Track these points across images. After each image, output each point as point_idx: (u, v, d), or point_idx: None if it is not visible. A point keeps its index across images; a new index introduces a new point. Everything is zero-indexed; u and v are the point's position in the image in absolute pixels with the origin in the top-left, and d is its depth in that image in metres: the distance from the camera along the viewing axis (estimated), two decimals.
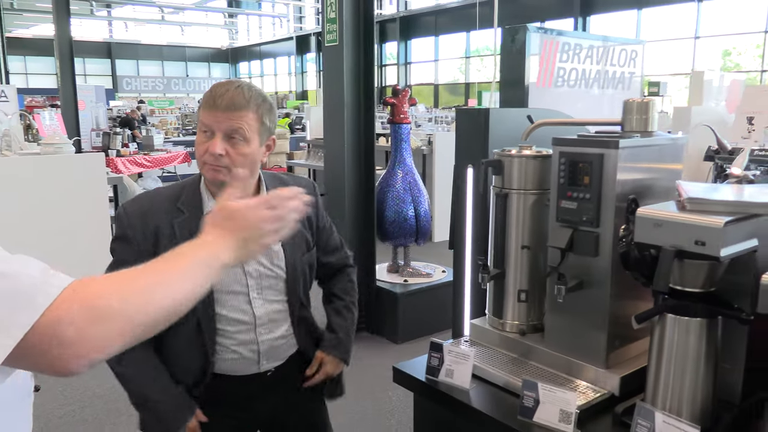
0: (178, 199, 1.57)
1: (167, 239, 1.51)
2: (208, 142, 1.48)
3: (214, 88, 1.51)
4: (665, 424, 1.34)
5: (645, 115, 1.67)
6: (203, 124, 1.49)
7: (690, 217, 1.33)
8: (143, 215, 1.55)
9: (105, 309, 0.80)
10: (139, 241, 1.53)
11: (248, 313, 1.61)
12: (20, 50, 26.35)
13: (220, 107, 1.46)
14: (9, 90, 7.28)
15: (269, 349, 1.66)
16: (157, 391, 1.57)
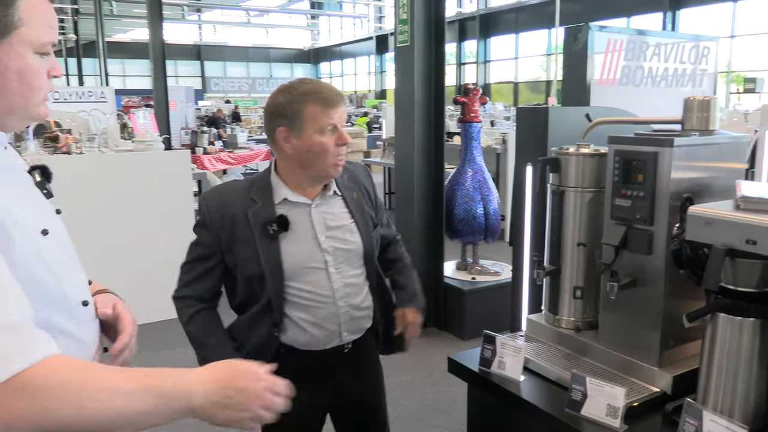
0: (251, 190, 1.67)
1: (242, 225, 1.64)
2: (334, 137, 1.59)
3: (315, 88, 1.59)
4: (713, 423, 1.34)
5: (705, 113, 1.66)
6: (328, 124, 1.58)
7: (742, 215, 1.32)
8: (221, 205, 1.66)
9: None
10: (217, 227, 1.65)
11: (327, 287, 1.68)
12: (119, 54, 28.08)
13: (339, 102, 1.60)
14: (108, 91, 7.83)
15: (349, 320, 1.72)
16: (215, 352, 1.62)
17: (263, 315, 1.68)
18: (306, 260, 1.66)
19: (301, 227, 1.66)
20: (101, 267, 4.27)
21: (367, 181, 1.85)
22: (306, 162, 1.62)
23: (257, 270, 1.64)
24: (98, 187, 4.44)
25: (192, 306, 1.71)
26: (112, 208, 4.49)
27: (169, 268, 4.74)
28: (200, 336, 1.69)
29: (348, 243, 1.72)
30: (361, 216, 1.75)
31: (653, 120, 1.85)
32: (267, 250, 1.63)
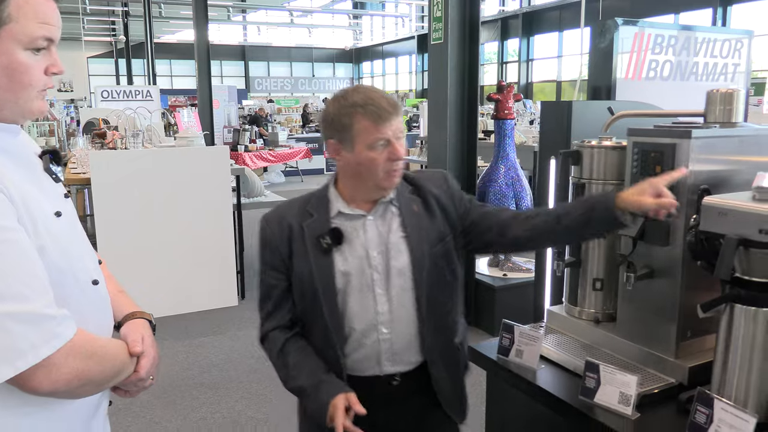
0: (308, 203, 1.59)
1: (298, 238, 1.55)
2: (387, 150, 1.47)
3: (364, 99, 1.46)
4: (723, 411, 1.35)
5: (729, 105, 1.66)
6: (379, 139, 1.46)
7: (755, 206, 1.32)
8: (279, 219, 1.59)
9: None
10: (278, 243, 1.57)
11: (371, 308, 1.54)
12: (166, 54, 28.82)
13: (392, 115, 1.47)
14: (153, 90, 8.08)
15: (390, 349, 1.55)
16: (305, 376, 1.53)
17: (325, 344, 1.54)
18: (356, 278, 1.53)
19: (355, 241, 1.55)
20: (142, 258, 4.47)
21: (440, 189, 1.63)
22: (356, 175, 1.52)
23: (311, 286, 1.53)
24: (141, 180, 4.61)
25: (277, 339, 1.57)
26: (154, 201, 4.66)
27: (206, 260, 4.92)
28: (290, 370, 1.54)
29: (398, 260, 1.55)
30: (417, 232, 1.56)
31: (676, 113, 1.85)
32: (320, 264, 1.53)
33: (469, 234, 1.65)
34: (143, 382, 1.28)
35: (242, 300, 5.22)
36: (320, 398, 1.47)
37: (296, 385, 1.54)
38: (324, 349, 1.55)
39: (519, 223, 1.60)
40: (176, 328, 4.56)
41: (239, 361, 4.04)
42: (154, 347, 1.32)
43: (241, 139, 11.36)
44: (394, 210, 1.58)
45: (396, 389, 1.58)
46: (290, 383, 1.56)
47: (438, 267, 1.58)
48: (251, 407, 3.44)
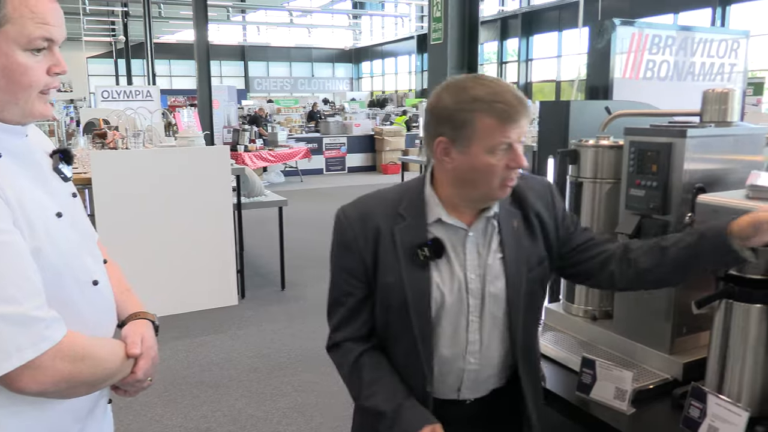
0: (400, 204, 1.38)
1: (387, 244, 1.35)
2: (506, 157, 1.27)
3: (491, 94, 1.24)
4: (717, 406, 1.37)
5: (724, 105, 1.68)
6: (502, 142, 1.25)
7: (746, 203, 1.35)
8: (363, 219, 1.38)
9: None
10: (361, 245, 1.37)
11: (462, 335, 1.38)
12: (166, 54, 28.84)
13: (521, 115, 1.26)
14: (153, 90, 8.10)
15: (473, 379, 1.42)
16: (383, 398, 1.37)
17: (410, 363, 1.38)
18: (451, 299, 1.36)
19: (453, 258, 1.36)
20: (143, 258, 4.48)
21: (543, 203, 1.44)
22: (466, 181, 1.31)
23: (400, 301, 1.34)
24: (142, 180, 4.64)
25: (351, 351, 1.40)
26: (155, 201, 4.69)
27: (206, 259, 4.94)
28: (365, 388, 1.38)
29: (494, 285, 1.37)
30: (515, 253, 1.38)
31: (672, 112, 1.87)
32: (414, 278, 1.33)
33: (566, 260, 1.46)
34: (141, 383, 1.28)
35: (242, 299, 5.25)
36: (402, 425, 1.32)
37: (372, 405, 1.37)
38: (407, 369, 1.39)
39: (616, 253, 1.42)
40: (177, 328, 4.58)
41: (239, 360, 4.07)
42: (154, 348, 1.32)
43: (240, 139, 11.39)
44: (494, 225, 1.38)
45: (470, 407, 1.45)
46: (364, 402, 1.38)
47: (533, 293, 1.42)
48: (251, 405, 3.46)
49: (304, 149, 12.53)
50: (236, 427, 3.24)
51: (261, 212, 6.01)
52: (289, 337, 4.47)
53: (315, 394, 3.57)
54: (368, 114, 16.76)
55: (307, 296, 5.36)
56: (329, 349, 1.46)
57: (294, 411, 3.38)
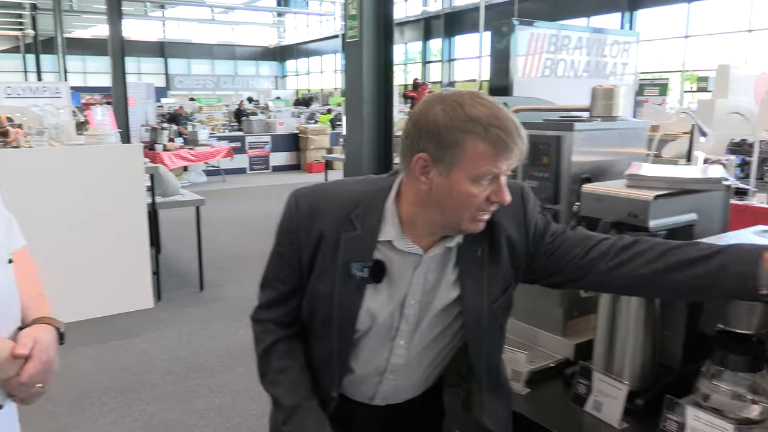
0: (355, 208, 1.25)
1: (328, 252, 1.25)
2: (489, 189, 1.15)
3: (489, 116, 1.10)
4: (600, 381, 1.46)
5: (610, 101, 1.79)
6: (490, 171, 1.12)
7: (625, 191, 1.44)
8: (311, 216, 1.26)
9: None
10: (302, 242, 1.27)
11: (384, 357, 1.32)
12: (79, 50, 27.51)
13: (518, 145, 1.14)
14: (62, 87, 7.72)
15: (390, 392, 1.38)
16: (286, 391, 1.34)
17: (322, 367, 1.34)
18: (381, 320, 1.28)
19: (396, 280, 1.26)
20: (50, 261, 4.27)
21: (514, 221, 1.28)
22: (437, 206, 1.18)
23: (326, 311, 1.27)
24: (48, 180, 4.42)
25: (271, 332, 1.35)
26: (62, 201, 4.47)
27: (119, 261, 4.76)
28: (272, 373, 1.34)
29: (440, 320, 1.30)
30: (475, 286, 1.27)
31: (564, 108, 1.97)
32: (345, 295, 1.25)
33: (542, 268, 1.32)
34: (27, 388, 1.22)
35: (158, 302, 5.09)
36: (295, 425, 1.29)
37: (273, 393, 1.34)
38: (318, 369, 1.35)
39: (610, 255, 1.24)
40: (86, 333, 4.39)
41: (152, 364, 3.95)
42: (49, 354, 1.25)
43: (159, 138, 11.04)
44: (452, 256, 1.27)
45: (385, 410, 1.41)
46: (268, 387, 1.35)
47: (496, 322, 1.32)
48: (164, 409, 3.37)
49: (226, 148, 12.29)
50: (148, 431, 3.15)
51: (181, 213, 5.86)
52: (206, 338, 4.38)
53: (232, 394, 3.52)
54: (293, 112, 16.61)
55: (227, 297, 5.27)
56: (253, 319, 1.39)
57: (210, 412, 3.32)
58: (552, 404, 1.55)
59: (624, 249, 1.22)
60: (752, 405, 1.33)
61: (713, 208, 1.55)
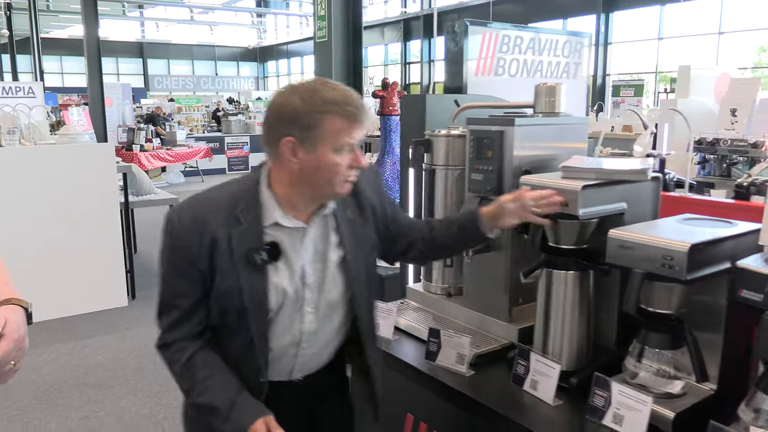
0: (237, 206, 1.38)
1: (224, 249, 1.36)
2: (349, 157, 1.35)
3: (343, 97, 1.32)
4: (537, 362, 1.55)
5: (552, 98, 1.88)
6: (349, 142, 1.33)
7: (557, 182, 1.53)
8: (198, 226, 1.36)
9: None
10: (195, 254, 1.36)
11: (296, 326, 1.44)
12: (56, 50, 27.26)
13: (365, 118, 1.35)
14: (36, 87, 7.70)
15: (305, 362, 1.51)
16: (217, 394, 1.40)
17: (245, 356, 1.42)
18: (289, 295, 1.41)
19: (292, 256, 1.41)
20: (23, 260, 4.28)
21: (370, 188, 1.55)
22: (310, 180, 1.36)
23: (237, 305, 1.37)
24: (19, 179, 4.43)
25: (183, 350, 1.40)
26: (34, 201, 4.49)
27: (92, 260, 4.78)
28: (198, 384, 1.39)
29: (335, 280, 1.46)
30: (354, 243, 1.47)
31: (511, 104, 2.06)
32: (251, 282, 1.36)
33: (387, 242, 1.60)
34: (1, 365, 1.29)
35: (132, 300, 5.12)
36: (237, 420, 1.36)
37: (205, 401, 1.39)
38: (243, 361, 1.43)
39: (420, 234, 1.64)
40: (61, 330, 4.42)
41: (126, 360, 3.99)
42: (20, 333, 1.29)
43: (136, 139, 11.01)
44: (330, 221, 1.46)
45: (300, 384, 1.53)
46: (197, 398, 1.40)
47: (371, 277, 1.53)
48: (136, 404, 3.42)
49: (204, 149, 12.28)
50: (120, 425, 3.19)
51: (156, 214, 5.86)
52: None
53: None
54: None
55: None
56: (159, 348, 1.44)
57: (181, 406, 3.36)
58: (494, 385, 1.64)
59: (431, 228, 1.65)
60: (675, 381, 1.43)
61: (643, 198, 1.64)
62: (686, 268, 1.26)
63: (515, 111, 1.93)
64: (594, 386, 1.43)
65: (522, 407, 1.53)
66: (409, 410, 1.85)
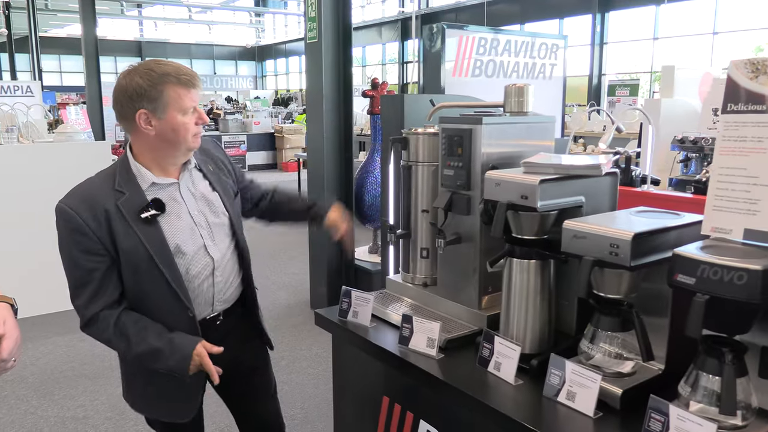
0: (114, 182, 1.66)
1: (117, 218, 1.62)
2: (195, 116, 1.66)
3: (175, 70, 1.62)
4: (500, 344, 1.66)
5: (521, 98, 1.98)
6: (190, 104, 1.64)
7: (518, 177, 1.64)
8: (89, 204, 1.63)
9: None
10: (94, 228, 1.61)
11: (205, 260, 1.76)
12: (54, 49, 27.36)
13: (198, 84, 1.68)
14: (34, 86, 7.81)
15: (221, 290, 1.83)
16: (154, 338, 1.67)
17: (169, 300, 1.69)
18: (187, 237, 1.71)
19: (174, 206, 1.71)
20: (20, 255, 4.39)
21: (219, 152, 1.97)
22: (168, 142, 1.65)
23: (145, 257, 1.63)
24: (18, 176, 4.54)
25: (109, 317, 1.65)
26: (32, 197, 4.59)
27: None
28: (133, 337, 1.65)
29: (218, 215, 1.81)
30: (222, 187, 1.86)
31: (483, 104, 2.17)
32: (149, 235, 1.64)
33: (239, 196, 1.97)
34: (5, 363, 1.38)
35: None
36: (179, 352, 1.65)
37: (145, 349, 1.64)
38: (168, 311, 1.70)
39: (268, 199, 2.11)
40: (57, 324, 4.52)
41: None
42: (16, 330, 1.41)
43: None
44: (197, 171, 1.82)
45: (222, 325, 1.89)
46: (136, 348, 1.65)
47: (238, 216, 1.91)
48: None
49: None
50: (114, 413, 3.30)
51: None
52: None
53: None
54: (271, 112, 16.73)
55: None
56: (85, 326, 1.69)
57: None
58: (462, 367, 1.74)
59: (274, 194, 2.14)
60: (626, 361, 1.54)
61: (601, 192, 1.75)
62: (630, 256, 1.37)
63: (485, 110, 2.03)
64: (550, 366, 1.54)
65: (486, 387, 1.63)
66: (385, 393, 1.96)
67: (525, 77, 2.70)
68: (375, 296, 2.11)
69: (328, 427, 3.11)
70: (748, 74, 1.36)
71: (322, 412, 3.27)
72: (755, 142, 1.35)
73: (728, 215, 1.37)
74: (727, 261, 1.21)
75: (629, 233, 1.37)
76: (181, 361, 1.66)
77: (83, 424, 3.19)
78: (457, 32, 2.47)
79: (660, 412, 1.29)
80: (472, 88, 2.46)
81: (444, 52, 2.41)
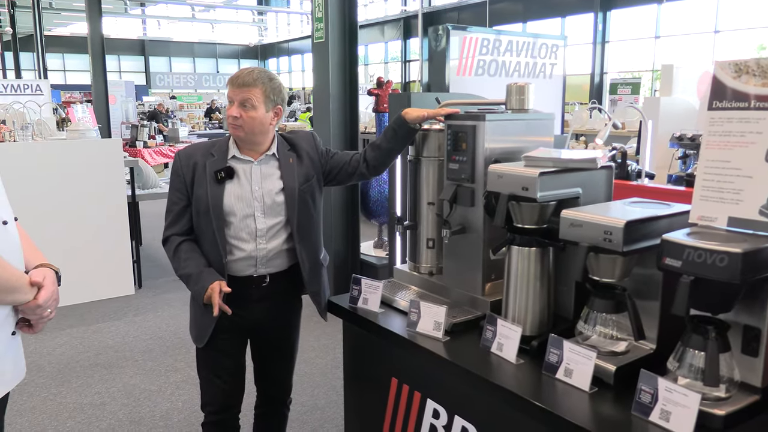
0: (213, 148, 2.19)
1: (201, 171, 2.13)
2: (230, 108, 2.08)
3: (237, 72, 2.12)
4: (502, 327, 1.78)
5: (522, 96, 2.10)
6: (228, 97, 2.10)
7: (520, 170, 1.75)
8: (188, 156, 2.16)
9: None
10: (184, 172, 2.14)
11: (251, 227, 2.13)
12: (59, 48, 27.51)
13: (236, 84, 2.06)
14: (43, 85, 7.92)
15: (265, 256, 2.16)
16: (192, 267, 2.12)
17: (212, 247, 2.13)
18: (240, 203, 2.12)
19: (243, 178, 2.14)
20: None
21: (308, 144, 2.27)
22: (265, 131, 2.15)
23: (204, 205, 2.09)
24: (32, 173, 4.66)
25: (175, 241, 2.15)
26: (47, 193, 4.72)
27: (101, 250, 5.02)
28: (182, 262, 2.12)
29: (275, 193, 2.16)
30: (290, 174, 2.18)
31: (486, 102, 2.28)
32: (213, 191, 2.10)
33: (330, 173, 2.31)
34: (42, 310, 1.51)
35: (139, 289, 5.36)
36: (201, 282, 2.05)
37: (185, 273, 2.11)
38: (211, 253, 2.13)
39: (361, 158, 2.32)
40: (73, 316, 4.65)
41: (134, 343, 4.22)
42: (56, 287, 1.57)
43: (139, 135, 11.23)
44: (275, 159, 2.19)
45: (267, 287, 2.21)
46: (180, 271, 2.13)
47: (304, 200, 2.20)
48: (145, 381, 3.65)
49: None
50: (130, 400, 3.43)
51: (157, 204, 6.10)
52: (184, 320, 4.61)
53: None
54: None
55: None
56: (163, 242, 2.18)
57: (187, 383, 3.60)
58: (467, 348, 1.86)
59: (365, 155, 2.32)
60: (620, 341, 1.65)
61: (597, 184, 1.87)
62: (623, 241, 1.48)
63: (488, 108, 2.14)
64: (549, 346, 1.65)
65: (490, 366, 1.75)
66: (394, 374, 2.08)
67: (526, 76, 2.81)
68: (383, 284, 2.22)
69: (337, 413, 3.23)
70: (732, 74, 1.47)
71: (331, 399, 3.39)
72: (738, 136, 1.46)
73: (714, 204, 1.48)
74: (710, 245, 1.32)
75: (622, 221, 1.48)
76: (200, 289, 2.05)
77: (101, 410, 3.32)
78: (460, 33, 2.58)
79: (650, 384, 1.40)
80: (475, 87, 2.57)
81: (448, 53, 2.52)
